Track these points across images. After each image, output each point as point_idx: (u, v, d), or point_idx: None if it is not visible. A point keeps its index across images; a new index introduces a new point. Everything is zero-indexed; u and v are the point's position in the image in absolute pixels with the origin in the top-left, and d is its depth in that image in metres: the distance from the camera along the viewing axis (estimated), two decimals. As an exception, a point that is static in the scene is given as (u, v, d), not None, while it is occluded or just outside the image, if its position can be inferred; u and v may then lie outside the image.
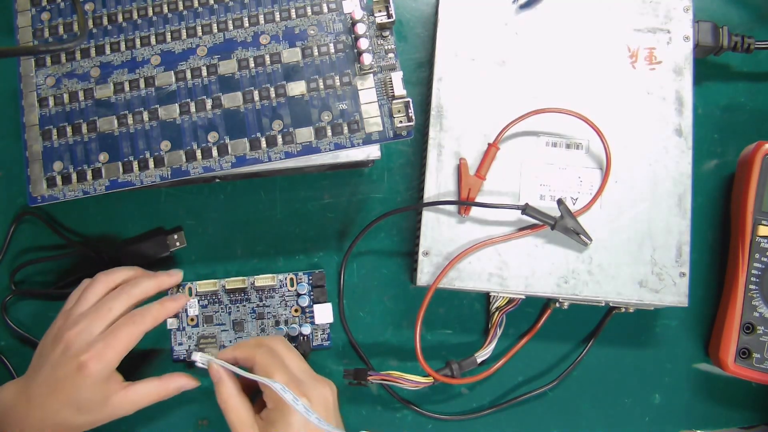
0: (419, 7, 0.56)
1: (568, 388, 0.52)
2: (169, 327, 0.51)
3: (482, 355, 0.49)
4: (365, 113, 0.45)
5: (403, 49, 0.55)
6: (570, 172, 0.49)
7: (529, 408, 0.52)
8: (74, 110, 0.46)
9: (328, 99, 0.45)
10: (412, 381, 0.47)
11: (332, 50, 0.46)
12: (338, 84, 0.45)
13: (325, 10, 0.46)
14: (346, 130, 0.45)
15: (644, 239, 0.48)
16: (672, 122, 0.49)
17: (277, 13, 0.46)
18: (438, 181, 0.48)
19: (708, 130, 0.55)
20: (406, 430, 0.51)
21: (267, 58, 0.46)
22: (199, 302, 0.52)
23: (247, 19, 0.46)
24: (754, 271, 0.50)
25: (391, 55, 0.46)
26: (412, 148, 0.54)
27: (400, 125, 0.44)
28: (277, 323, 0.51)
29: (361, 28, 0.45)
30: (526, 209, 0.46)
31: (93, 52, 0.47)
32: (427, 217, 0.48)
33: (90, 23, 0.47)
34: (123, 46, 0.46)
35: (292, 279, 0.52)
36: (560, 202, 0.47)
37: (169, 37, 0.46)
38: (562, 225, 0.46)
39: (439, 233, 0.48)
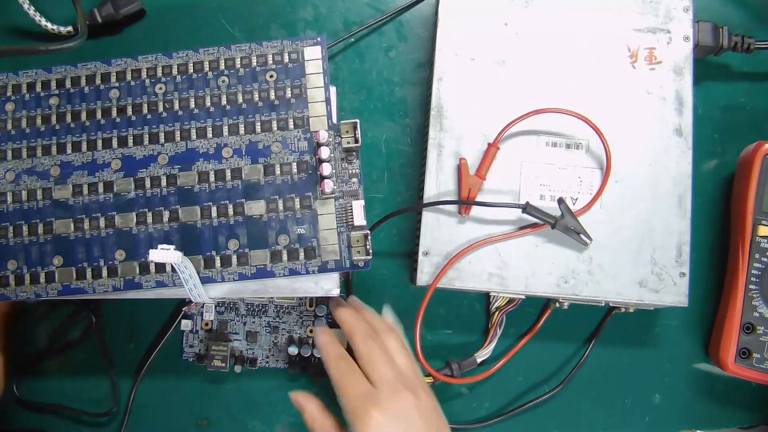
0: (419, 7, 0.56)
1: (568, 389, 0.52)
2: (183, 328, 0.51)
3: (482, 355, 0.49)
4: (323, 240, 0.43)
5: (403, 49, 0.55)
6: (570, 172, 0.49)
7: (529, 408, 0.52)
8: (32, 209, 0.44)
9: (286, 221, 0.43)
10: None
11: (295, 170, 0.44)
12: (298, 207, 0.44)
13: (291, 126, 0.45)
14: (302, 255, 0.43)
15: (644, 239, 0.48)
16: (672, 122, 0.49)
17: (242, 125, 0.45)
18: (438, 181, 0.48)
19: (708, 130, 0.55)
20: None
21: (228, 173, 0.44)
22: (216, 308, 0.51)
23: (210, 129, 0.45)
24: (754, 271, 0.50)
25: (354, 180, 0.44)
26: (412, 148, 0.54)
27: (357, 257, 0.43)
28: (291, 340, 0.51)
29: (325, 152, 0.43)
30: (526, 208, 0.46)
31: (54, 149, 0.45)
32: (427, 217, 0.48)
33: (53, 119, 0.45)
34: (84, 147, 0.45)
35: (312, 299, 0.51)
36: (561, 201, 0.47)
37: (131, 141, 0.45)
38: (563, 224, 0.46)
39: (439, 233, 0.48)
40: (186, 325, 0.51)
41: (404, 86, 0.55)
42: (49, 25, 0.53)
